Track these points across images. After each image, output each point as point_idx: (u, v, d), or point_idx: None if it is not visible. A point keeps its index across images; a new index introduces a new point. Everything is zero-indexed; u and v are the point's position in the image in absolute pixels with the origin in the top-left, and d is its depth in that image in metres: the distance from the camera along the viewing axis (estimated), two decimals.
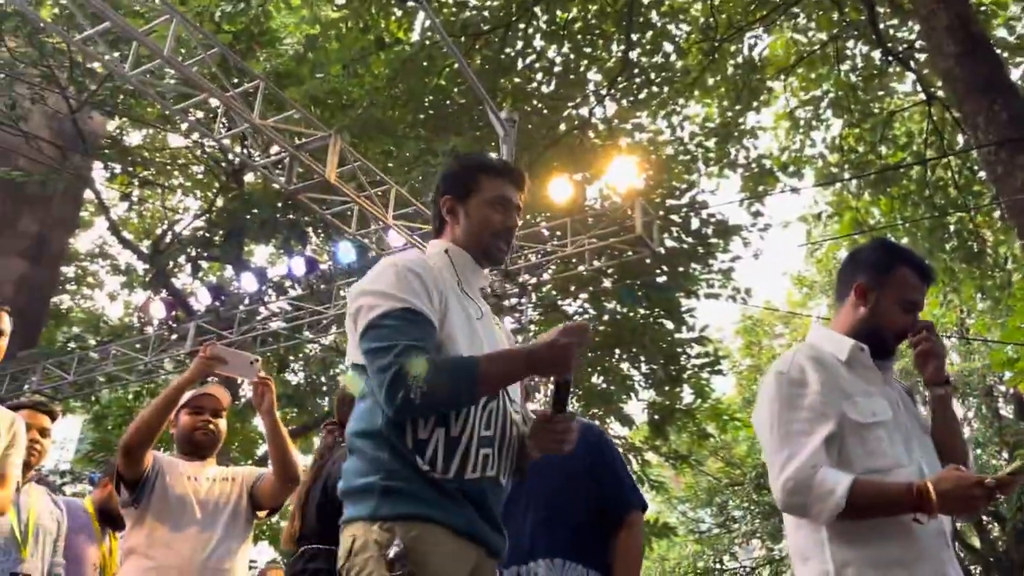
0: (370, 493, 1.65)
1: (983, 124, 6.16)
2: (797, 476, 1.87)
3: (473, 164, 2.02)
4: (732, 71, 12.26)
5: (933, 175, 11.64)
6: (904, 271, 2.10)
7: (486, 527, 1.72)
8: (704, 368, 11.98)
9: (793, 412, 1.96)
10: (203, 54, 6.11)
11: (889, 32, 11.46)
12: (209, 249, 12.69)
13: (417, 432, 1.68)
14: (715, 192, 14.82)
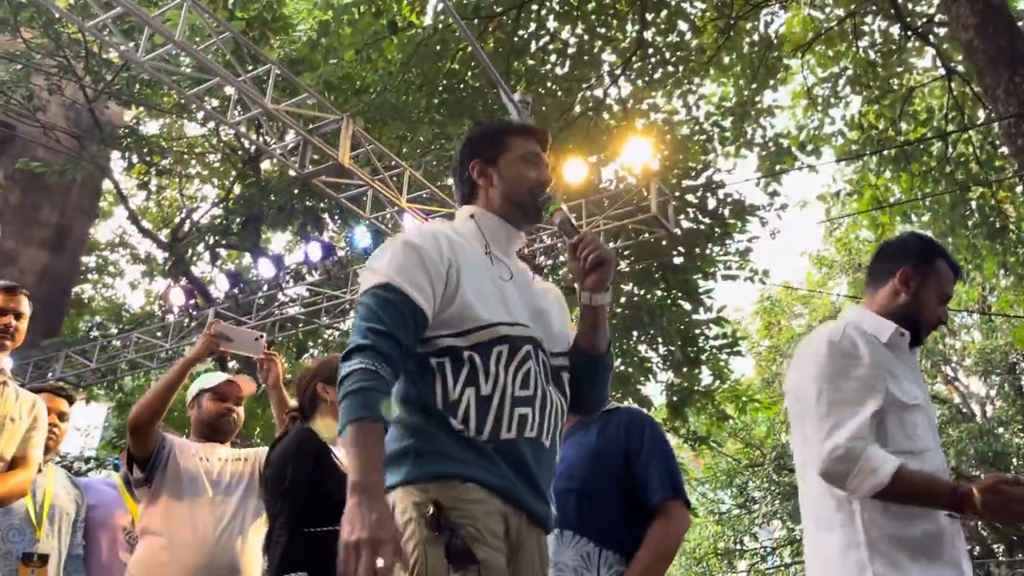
0: (405, 457, 1.64)
1: (1003, 96, 6.07)
2: (848, 445, 1.91)
3: (497, 126, 2.02)
4: (748, 49, 12.11)
5: (954, 151, 11.48)
6: (943, 264, 2.21)
7: (526, 491, 1.68)
8: (722, 349, 11.93)
9: (845, 381, 2.00)
10: (215, 40, 6.11)
11: (908, 7, 11.28)
12: (227, 237, 12.76)
13: (448, 394, 1.68)
14: (731, 172, 14.69)
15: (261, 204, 11.22)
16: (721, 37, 11.68)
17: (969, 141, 11.37)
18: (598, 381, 1.92)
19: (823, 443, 1.93)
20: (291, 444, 2.52)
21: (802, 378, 2.08)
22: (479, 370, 1.70)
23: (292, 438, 2.55)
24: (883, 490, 1.88)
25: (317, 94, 7.49)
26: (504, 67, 10.67)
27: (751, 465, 18.17)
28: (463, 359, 1.71)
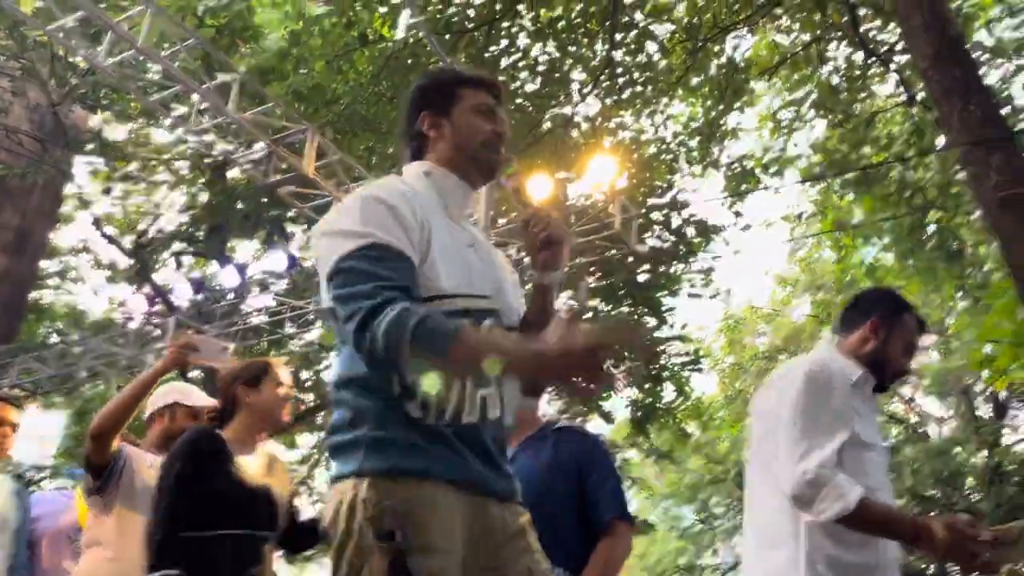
0: (356, 447, 1.51)
1: (957, 125, 6.23)
2: (817, 471, 2.01)
3: (449, 75, 1.87)
4: (715, 71, 12.32)
5: (914, 176, 11.74)
6: (909, 318, 2.39)
7: (489, 472, 1.58)
8: (685, 366, 12.07)
9: (819, 411, 2.12)
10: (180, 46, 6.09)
11: (870, 34, 11.55)
12: (192, 244, 12.65)
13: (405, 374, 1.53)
14: (697, 191, 14.89)
15: (227, 212, 11.15)
16: (689, 59, 11.86)
17: (928, 166, 11.64)
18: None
19: (795, 466, 2.03)
20: (184, 443, 2.45)
21: (777, 403, 2.18)
22: None
23: (187, 437, 2.48)
24: (848, 516, 1.97)
25: (285, 104, 7.48)
26: None
27: (713, 481, 18.31)
28: None
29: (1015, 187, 5.72)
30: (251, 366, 2.68)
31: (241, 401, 2.59)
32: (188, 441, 2.45)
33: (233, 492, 2.39)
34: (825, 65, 12.09)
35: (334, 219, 1.61)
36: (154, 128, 13.52)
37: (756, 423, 2.31)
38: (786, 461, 2.06)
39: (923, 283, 12.52)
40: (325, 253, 1.57)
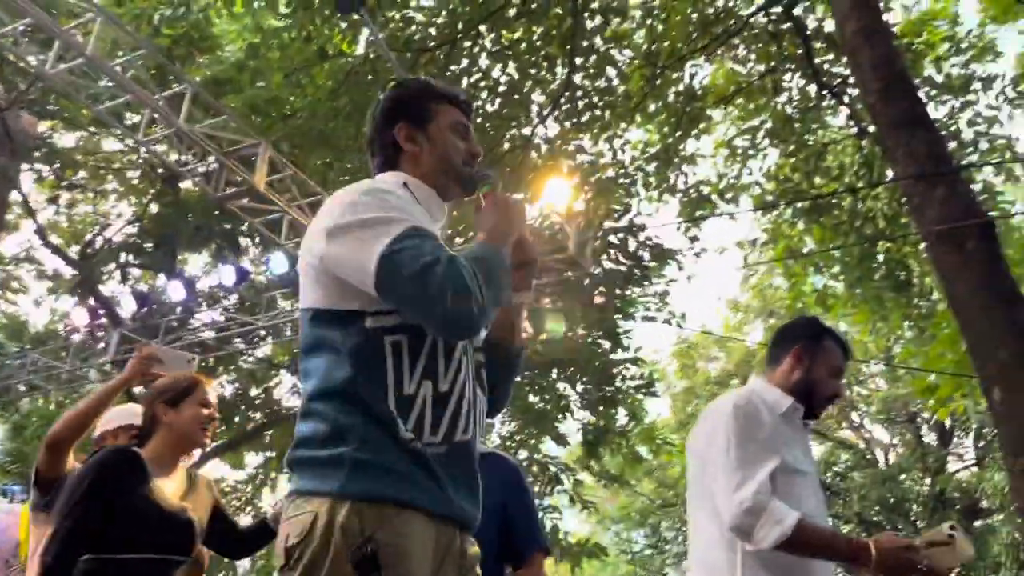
0: (339, 466, 1.42)
1: (902, 158, 6.37)
2: (754, 499, 2.06)
3: (423, 89, 1.81)
4: (673, 98, 12.48)
5: (863, 206, 11.99)
6: (831, 343, 2.44)
7: (466, 502, 1.54)
8: (639, 390, 12.10)
9: (749, 442, 2.18)
10: (130, 56, 5.97)
11: (824, 67, 11.82)
12: (140, 256, 12.38)
13: (403, 387, 1.47)
14: (653, 216, 15.04)
15: (178, 225, 10.94)
16: (647, 85, 12.00)
17: (877, 197, 11.90)
18: (508, 380, 1.79)
19: (732, 495, 2.09)
20: (97, 461, 2.35)
21: (710, 437, 2.23)
22: (439, 357, 1.52)
23: (101, 455, 2.38)
24: (786, 540, 2.01)
25: (238, 116, 7.37)
26: None
27: (664, 505, 18.36)
28: (423, 340, 1.51)
29: (956, 221, 5.85)
30: (175, 384, 2.58)
31: (160, 420, 2.50)
32: (101, 459, 2.35)
33: (144, 515, 2.30)
34: (779, 95, 12.33)
35: (350, 210, 1.52)
36: (105, 137, 13.26)
37: (691, 459, 2.36)
38: (723, 493, 2.11)
39: (871, 312, 12.74)
40: (356, 245, 1.48)
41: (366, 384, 1.46)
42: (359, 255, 1.46)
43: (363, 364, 1.47)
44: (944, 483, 15.25)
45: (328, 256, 1.51)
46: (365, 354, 1.48)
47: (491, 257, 1.51)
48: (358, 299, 1.51)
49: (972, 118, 11.72)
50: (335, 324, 1.52)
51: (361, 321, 1.50)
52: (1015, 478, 5.44)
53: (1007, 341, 5.43)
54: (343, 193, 1.59)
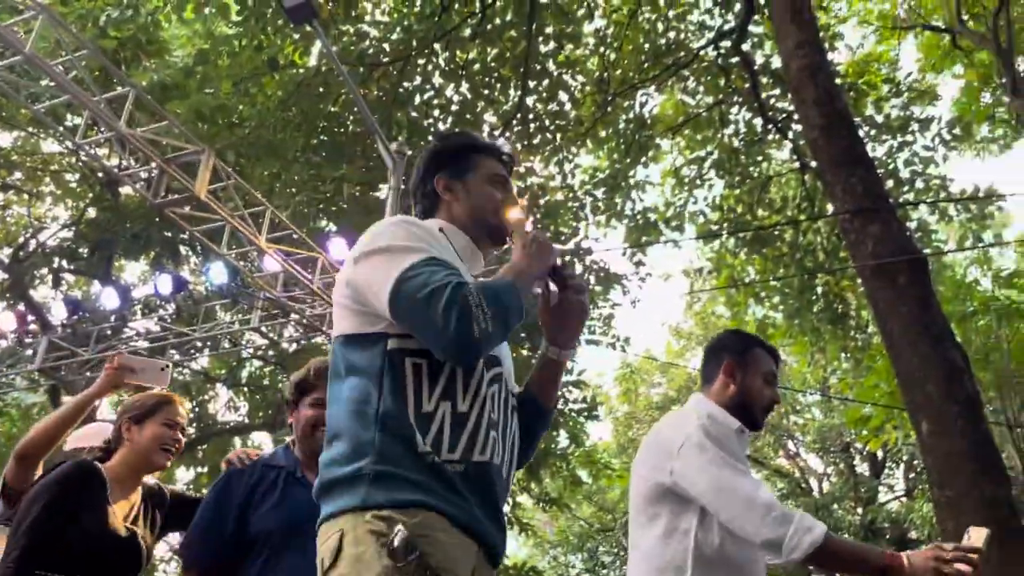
0: (359, 480, 1.44)
1: (841, 194, 6.54)
2: (780, 508, 1.99)
3: (464, 141, 1.90)
4: (623, 125, 12.67)
5: (804, 239, 12.29)
6: (759, 350, 2.43)
7: (489, 524, 1.52)
8: (581, 413, 12.12)
9: (733, 457, 2.14)
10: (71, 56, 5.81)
11: (770, 102, 12.12)
12: (75, 262, 12.01)
13: (422, 405, 1.49)
14: (599, 240, 15.19)
15: (116, 231, 10.65)
16: (599, 111, 12.15)
17: (818, 231, 12.20)
18: (538, 434, 1.82)
19: (752, 507, 1.99)
20: (53, 481, 2.29)
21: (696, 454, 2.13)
22: (458, 380, 1.54)
23: (63, 469, 2.32)
24: (817, 550, 1.94)
25: (183, 123, 7.22)
26: (386, 116, 10.67)
27: (603, 530, 18.38)
28: (443, 364, 1.53)
29: (890, 256, 6.01)
30: (145, 401, 2.53)
31: (123, 437, 2.47)
32: (60, 475, 2.30)
33: (95, 539, 2.26)
34: (726, 128, 12.60)
35: (375, 239, 1.61)
36: (43, 139, 12.88)
37: (638, 482, 2.28)
38: (740, 512, 2.02)
39: (809, 343, 13.02)
40: (376, 269, 1.55)
41: (386, 402, 1.50)
42: (378, 278, 1.53)
43: (384, 383, 1.51)
44: (875, 513, 15.57)
45: (352, 281, 1.59)
46: (387, 374, 1.52)
47: (502, 289, 1.54)
48: (382, 322, 1.56)
49: (909, 158, 12.13)
50: (360, 347, 1.57)
51: (384, 343, 1.55)
52: (940, 509, 5.58)
53: (935, 375, 5.58)
54: (375, 225, 1.68)
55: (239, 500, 2.30)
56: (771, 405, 2.39)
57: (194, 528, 2.31)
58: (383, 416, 1.49)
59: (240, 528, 2.27)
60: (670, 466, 2.15)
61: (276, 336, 9.74)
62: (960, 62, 14.62)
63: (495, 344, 1.53)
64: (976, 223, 12.47)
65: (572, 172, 12.68)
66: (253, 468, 2.39)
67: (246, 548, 2.26)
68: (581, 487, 14.01)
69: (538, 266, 1.67)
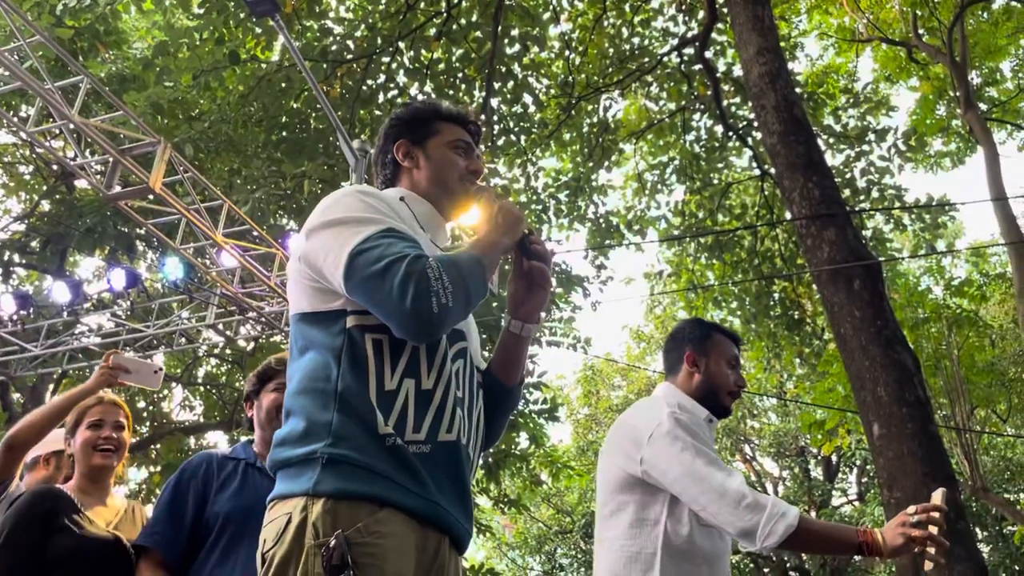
0: (311, 464, 1.37)
1: (798, 199, 6.64)
2: (752, 495, 1.97)
3: (427, 108, 1.82)
4: (587, 129, 12.74)
5: (762, 245, 12.46)
6: (718, 335, 2.43)
7: (455, 508, 1.47)
8: (541, 414, 12.12)
9: (704, 446, 2.11)
10: (23, 42, 5.67)
11: (731, 109, 12.27)
12: (26, 255, 11.72)
13: (384, 383, 1.43)
14: (561, 243, 15.25)
15: (69, 224, 10.42)
16: (563, 114, 12.20)
17: (776, 238, 12.38)
18: (503, 415, 1.75)
19: (725, 495, 1.98)
20: (23, 504, 2.29)
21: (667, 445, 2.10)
22: (421, 357, 1.48)
23: (26, 499, 2.32)
24: (792, 535, 1.93)
25: (141, 115, 7.09)
26: (349, 114, 10.60)
27: (561, 532, 18.42)
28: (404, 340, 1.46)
29: (844, 262, 6.11)
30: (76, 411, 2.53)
31: (67, 452, 2.52)
32: (27, 504, 2.29)
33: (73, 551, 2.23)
34: (688, 134, 12.74)
35: (327, 211, 1.53)
36: None
37: (603, 474, 2.25)
38: (712, 501, 2.00)
39: (766, 348, 13.19)
40: (329, 242, 1.48)
41: (346, 379, 1.43)
42: (332, 252, 1.46)
43: (344, 361, 1.45)
44: (828, 515, 15.84)
45: (305, 256, 1.52)
46: (346, 352, 1.46)
47: (466, 262, 1.47)
48: (339, 298, 1.49)
49: (865, 167, 12.37)
50: (318, 324, 1.51)
51: (343, 320, 1.49)
52: (890, 511, 5.68)
53: (886, 378, 5.69)
54: (327, 197, 1.60)
55: (198, 487, 2.29)
56: (737, 389, 2.38)
57: (155, 515, 2.30)
58: (342, 394, 1.42)
59: (199, 514, 2.25)
60: (640, 455, 2.11)
61: (233, 334, 9.58)
62: (916, 75, 14.96)
63: (456, 320, 1.47)
64: (929, 232, 12.75)
65: (535, 174, 12.73)
66: (211, 459, 2.37)
67: (205, 534, 2.24)
68: (540, 488, 14.01)
69: (507, 238, 1.61)
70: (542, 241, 1.72)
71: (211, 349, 12.41)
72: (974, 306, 12.10)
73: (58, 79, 6.35)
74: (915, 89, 15.31)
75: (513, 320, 1.72)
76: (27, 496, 2.33)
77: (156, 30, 11.69)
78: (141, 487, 12.12)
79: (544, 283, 1.70)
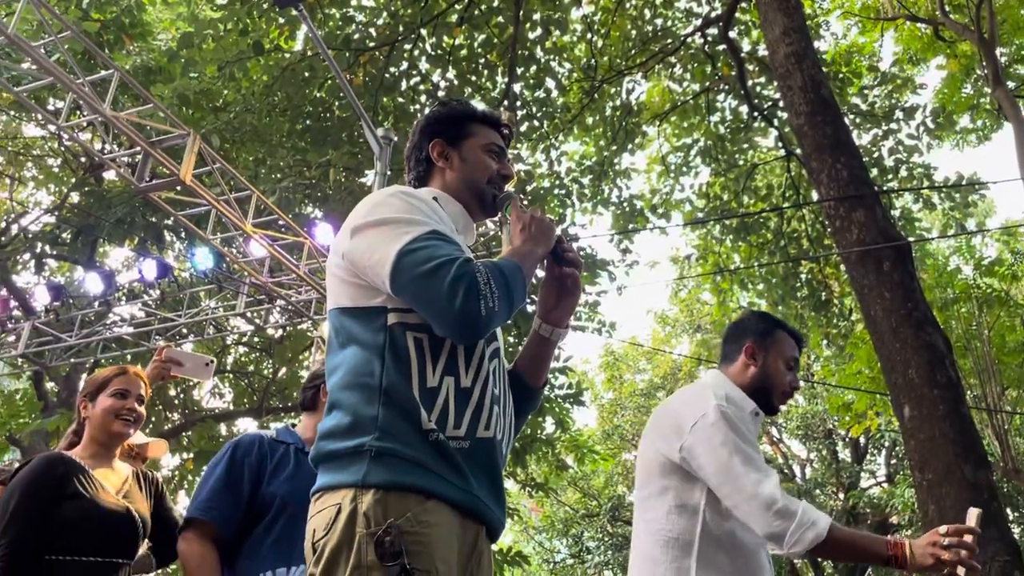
0: (359, 456, 1.43)
1: (826, 180, 6.58)
2: (784, 499, 1.96)
3: (463, 110, 1.86)
4: (610, 113, 12.67)
5: (788, 227, 12.36)
6: (782, 334, 2.37)
7: (492, 502, 1.53)
8: (567, 399, 12.15)
9: (746, 441, 2.08)
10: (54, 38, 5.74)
11: (756, 89, 12.15)
12: (57, 247, 11.90)
13: (426, 380, 1.48)
14: (586, 227, 15.21)
15: (99, 215, 10.56)
16: (585, 98, 12.15)
17: (802, 218, 12.27)
18: (527, 411, 1.80)
19: (756, 497, 1.98)
20: (34, 470, 2.33)
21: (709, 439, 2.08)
22: (460, 356, 1.53)
23: (37, 464, 2.36)
24: (821, 544, 1.93)
25: (167, 107, 7.16)
26: (372, 102, 10.63)
27: (587, 515, 18.49)
28: (444, 339, 1.51)
29: (873, 243, 6.06)
30: (96, 379, 2.57)
31: (81, 415, 2.52)
32: (39, 469, 2.33)
33: (83, 517, 2.29)
34: (713, 115, 12.62)
35: (373, 211, 1.57)
36: (26, 122, 12.73)
37: (644, 456, 2.25)
38: (744, 501, 2.00)
39: None
40: (375, 241, 1.52)
41: (390, 376, 1.48)
42: (378, 251, 1.50)
43: (387, 357, 1.49)
44: (856, 498, 15.74)
45: (349, 253, 1.56)
46: (389, 348, 1.50)
47: (509, 269, 1.53)
48: (381, 296, 1.54)
49: (893, 146, 12.21)
50: (360, 320, 1.55)
51: (384, 317, 1.53)
52: (921, 492, 5.66)
53: (917, 359, 5.65)
54: (371, 195, 1.65)
55: (253, 465, 2.33)
56: (791, 391, 2.34)
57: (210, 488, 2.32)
58: (387, 390, 1.47)
59: (254, 491, 2.30)
60: (680, 442, 2.11)
61: (261, 322, 9.69)
62: (943, 53, 14.71)
63: (499, 324, 1.53)
64: (959, 211, 12.58)
65: (559, 159, 12.70)
66: (262, 439, 2.43)
67: (259, 512, 2.28)
68: (567, 472, 14.06)
69: (541, 248, 1.66)
70: (574, 249, 1.78)
71: (240, 337, 12.55)
72: (1005, 286, 11.92)
73: (85, 72, 6.43)
74: (942, 67, 15.05)
75: (543, 324, 1.78)
76: (39, 461, 2.36)
77: (181, 22, 11.76)
78: (174, 473, 12.32)
79: (575, 289, 1.77)
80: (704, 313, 16.89)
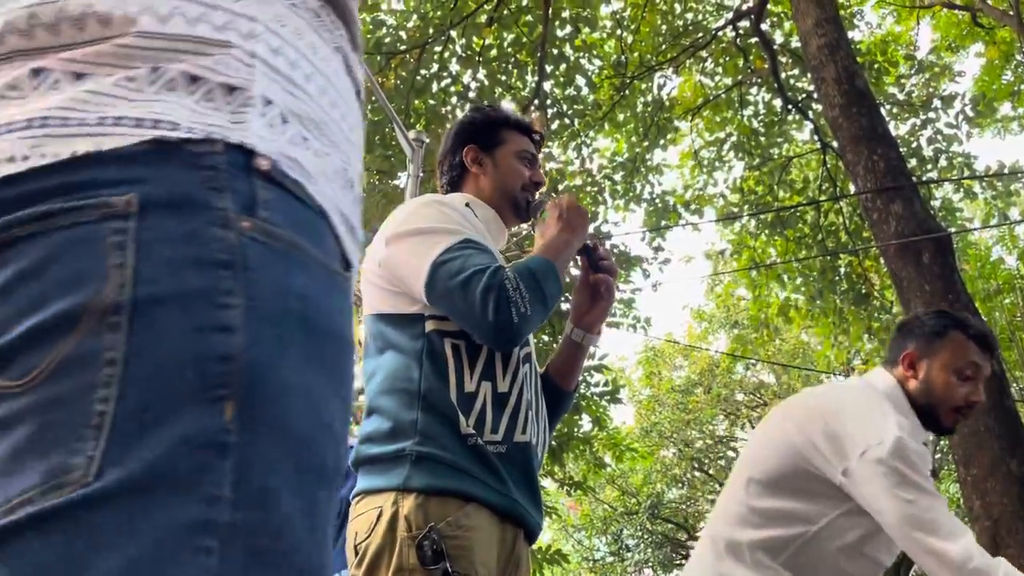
0: (400, 461, 1.46)
1: (863, 173, 6.49)
2: (980, 557, 1.69)
3: (496, 116, 1.89)
4: (641, 108, 12.62)
5: (825, 220, 12.20)
6: (957, 334, 1.97)
7: (529, 505, 1.55)
8: (603, 396, 12.13)
9: (923, 478, 1.78)
10: None
11: (789, 82, 12.01)
12: None
13: (463, 385, 1.51)
14: (619, 224, 15.18)
15: None
16: (616, 95, 12.12)
17: (840, 211, 12.11)
18: (558, 415, 1.82)
19: (943, 555, 1.70)
20: None
21: (872, 475, 1.77)
22: (496, 361, 1.56)
23: None
24: None
25: None
26: (403, 104, 10.71)
27: (626, 513, 18.42)
28: (481, 345, 1.55)
29: (913, 235, 5.97)
30: None
31: None
32: None
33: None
34: (746, 109, 12.51)
35: (408, 220, 1.62)
36: None
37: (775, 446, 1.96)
38: (928, 560, 1.72)
39: (832, 325, 12.93)
40: (410, 251, 1.56)
41: (429, 381, 1.51)
42: (413, 261, 1.54)
43: (425, 363, 1.53)
44: None
45: (386, 262, 1.59)
46: (427, 354, 1.54)
47: (540, 267, 1.56)
48: (418, 303, 1.57)
49: (932, 136, 12.00)
50: (398, 327, 1.58)
51: (422, 324, 1.56)
52: (966, 488, 5.57)
53: None
54: (405, 204, 1.72)
55: None
56: (964, 407, 1.94)
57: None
58: (426, 395, 1.50)
59: None
60: (844, 465, 1.81)
61: None
62: (981, 39, 14.41)
63: (535, 326, 1.55)
64: (1001, 200, 12.31)
65: (590, 156, 12.67)
66: None
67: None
68: (604, 470, 14.04)
69: (576, 237, 1.68)
70: (610, 255, 1.81)
71: None
72: None
73: None
74: (981, 55, 14.73)
75: (576, 329, 1.80)
76: None
77: None
78: None
79: (609, 295, 1.79)
80: (741, 309, 16.73)
